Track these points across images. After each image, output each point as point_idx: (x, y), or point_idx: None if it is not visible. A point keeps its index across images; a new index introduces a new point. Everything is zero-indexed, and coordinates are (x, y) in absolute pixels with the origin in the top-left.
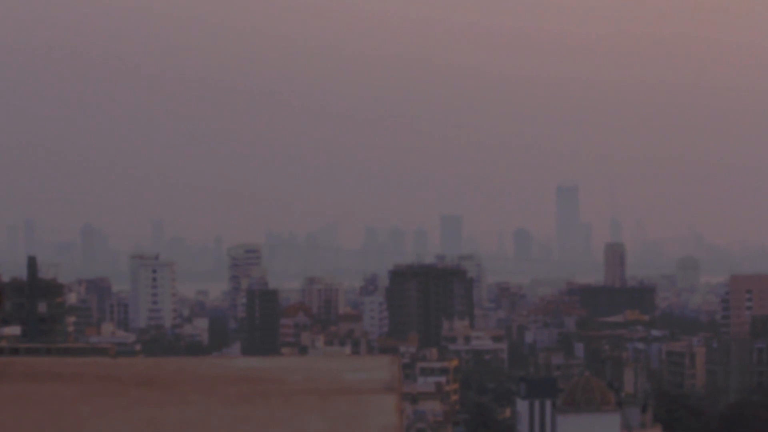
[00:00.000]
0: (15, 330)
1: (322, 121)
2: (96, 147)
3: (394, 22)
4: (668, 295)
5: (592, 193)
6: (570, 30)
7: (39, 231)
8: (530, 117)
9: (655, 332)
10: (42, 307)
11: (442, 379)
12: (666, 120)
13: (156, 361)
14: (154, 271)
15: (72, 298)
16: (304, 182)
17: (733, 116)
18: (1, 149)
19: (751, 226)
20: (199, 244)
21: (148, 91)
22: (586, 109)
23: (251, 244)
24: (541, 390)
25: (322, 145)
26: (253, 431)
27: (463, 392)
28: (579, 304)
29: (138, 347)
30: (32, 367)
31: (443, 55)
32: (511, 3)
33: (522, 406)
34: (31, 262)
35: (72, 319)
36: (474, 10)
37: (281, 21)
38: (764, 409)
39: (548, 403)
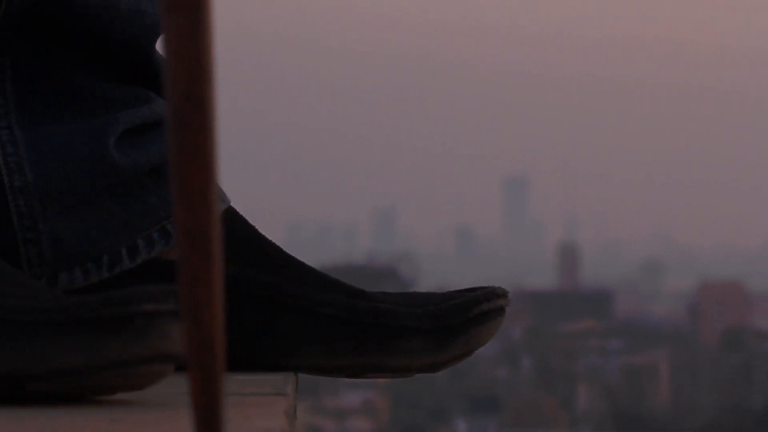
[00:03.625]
0: None
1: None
2: None
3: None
4: (629, 302)
5: (543, 187)
6: (519, 17)
7: None
8: (473, 103)
9: (613, 343)
10: None
11: (371, 393)
12: (628, 111)
13: None
14: None
15: None
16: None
17: (701, 110)
18: None
19: (723, 225)
20: None
21: None
22: (536, 97)
23: None
24: (482, 408)
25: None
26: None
27: (395, 409)
28: (527, 310)
29: None
30: None
31: (378, 42)
32: None
33: (461, 425)
34: None
35: None
36: None
37: None
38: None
39: (491, 423)
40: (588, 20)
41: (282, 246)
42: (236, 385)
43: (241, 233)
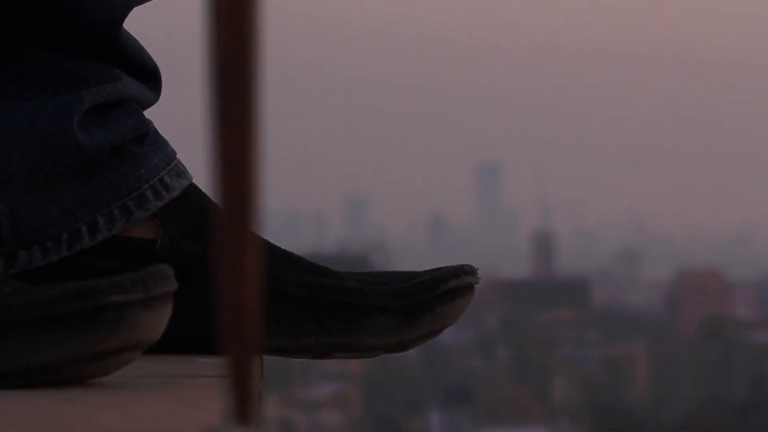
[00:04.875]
0: None
1: None
2: None
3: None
4: (605, 291)
5: (517, 174)
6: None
7: None
8: (444, 88)
9: (590, 334)
10: None
11: (343, 385)
12: (602, 96)
13: None
14: None
15: None
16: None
17: (676, 95)
18: None
19: (701, 212)
20: None
21: None
22: (509, 82)
23: None
24: (457, 399)
25: None
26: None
27: (368, 401)
28: (501, 300)
29: None
30: None
31: (348, 27)
32: None
33: (435, 417)
34: None
35: None
36: None
37: None
38: (718, 424)
39: (465, 415)
40: (558, 4)
41: None
42: (201, 368)
43: (202, 209)
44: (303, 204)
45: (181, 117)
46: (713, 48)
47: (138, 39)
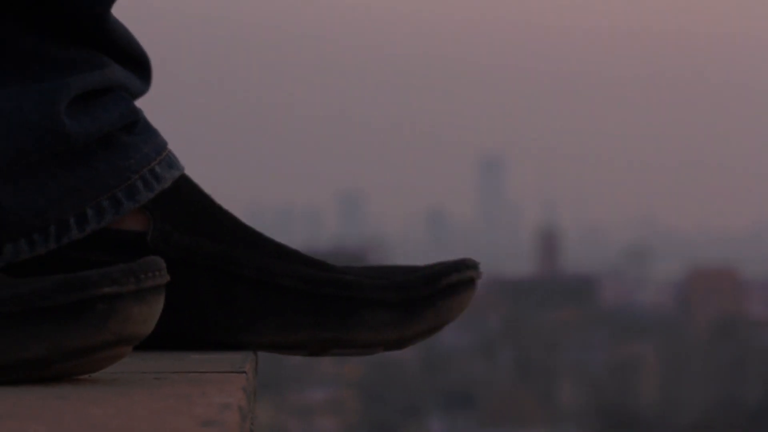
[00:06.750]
0: None
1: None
2: None
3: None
4: (614, 290)
5: (521, 167)
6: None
7: None
8: (445, 78)
9: (597, 334)
10: None
11: (339, 389)
12: (609, 88)
13: None
14: None
15: None
16: None
17: (686, 87)
18: None
19: (713, 207)
20: None
21: None
22: (513, 72)
23: None
24: (457, 404)
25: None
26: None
27: (364, 406)
28: (504, 299)
29: None
30: None
31: (343, 20)
32: None
33: (435, 423)
34: None
35: None
36: None
37: None
38: (732, 428)
39: (467, 420)
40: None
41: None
42: (193, 364)
43: (194, 201)
44: (296, 198)
45: (173, 108)
46: (728, 42)
47: (127, 26)
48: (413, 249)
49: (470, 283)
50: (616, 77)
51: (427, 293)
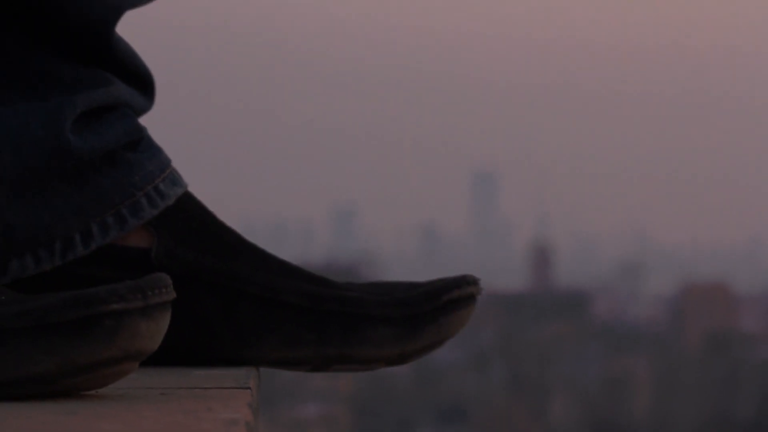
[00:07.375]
0: None
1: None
2: None
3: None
4: (606, 305)
5: (514, 182)
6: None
7: None
8: (438, 93)
9: (590, 349)
10: None
11: (332, 404)
12: (601, 103)
13: None
14: None
15: None
16: None
17: (680, 100)
18: None
19: (706, 222)
20: None
21: None
22: (505, 88)
23: None
24: (450, 418)
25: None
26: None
27: (357, 421)
28: (497, 314)
29: None
30: None
31: (336, 33)
32: None
33: None
34: None
35: None
36: None
37: None
38: None
39: None
40: (557, 17)
41: None
42: (197, 380)
43: (197, 218)
44: (288, 212)
45: (177, 125)
46: (721, 54)
47: (131, 44)
48: (406, 263)
49: (471, 299)
50: (609, 92)
51: (428, 309)
